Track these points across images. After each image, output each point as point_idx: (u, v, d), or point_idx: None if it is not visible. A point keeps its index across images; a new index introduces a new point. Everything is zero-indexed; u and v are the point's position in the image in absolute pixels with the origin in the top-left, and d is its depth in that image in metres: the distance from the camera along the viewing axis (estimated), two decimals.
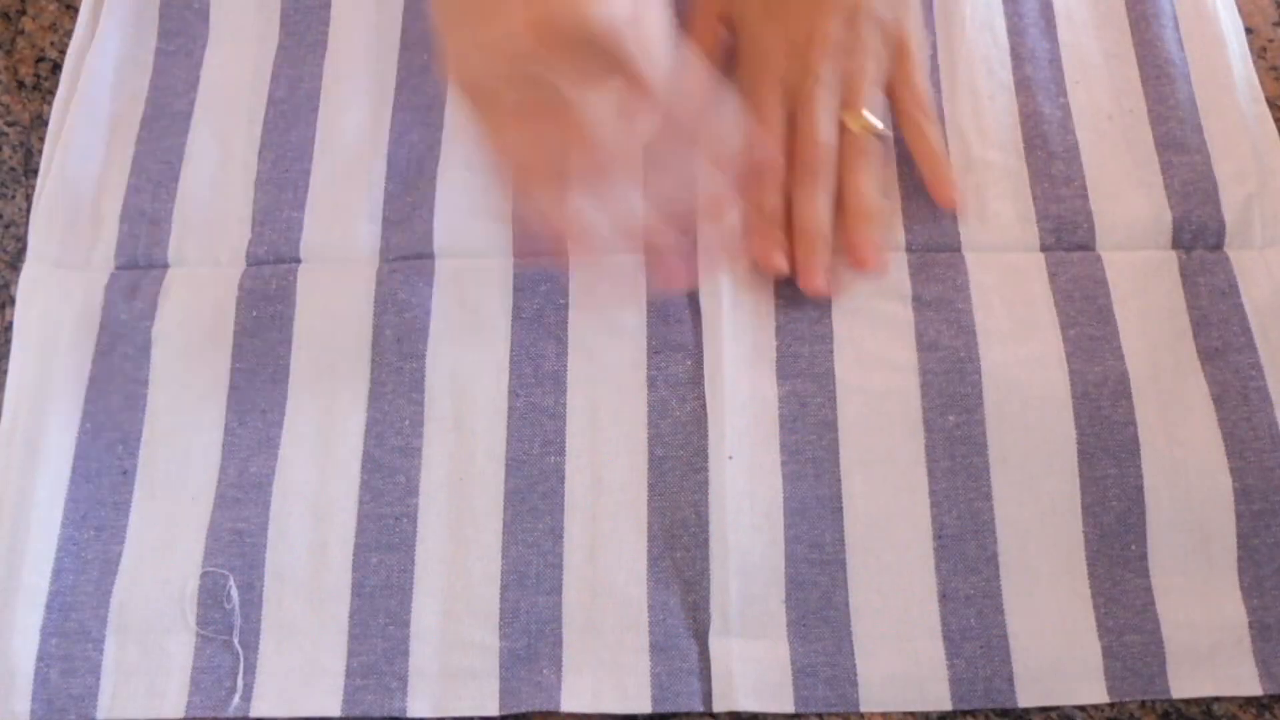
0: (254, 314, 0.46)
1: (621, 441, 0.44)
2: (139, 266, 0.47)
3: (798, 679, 0.41)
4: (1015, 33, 0.51)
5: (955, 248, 0.47)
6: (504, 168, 0.42)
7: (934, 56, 0.50)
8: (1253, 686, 0.40)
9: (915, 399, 0.44)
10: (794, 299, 0.46)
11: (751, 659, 0.41)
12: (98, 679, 0.41)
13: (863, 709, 0.40)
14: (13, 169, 0.50)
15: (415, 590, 0.42)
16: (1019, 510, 0.43)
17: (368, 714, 0.41)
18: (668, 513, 0.43)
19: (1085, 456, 0.43)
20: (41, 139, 0.50)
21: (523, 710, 0.41)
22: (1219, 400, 0.44)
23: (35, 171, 0.49)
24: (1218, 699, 0.41)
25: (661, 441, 0.44)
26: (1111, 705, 0.40)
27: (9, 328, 0.46)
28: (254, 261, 0.47)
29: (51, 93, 0.50)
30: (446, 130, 0.49)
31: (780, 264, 0.45)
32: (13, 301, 0.47)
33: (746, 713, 0.41)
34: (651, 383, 0.45)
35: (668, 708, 0.41)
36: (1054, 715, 0.41)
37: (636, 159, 0.41)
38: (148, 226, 0.48)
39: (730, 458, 0.43)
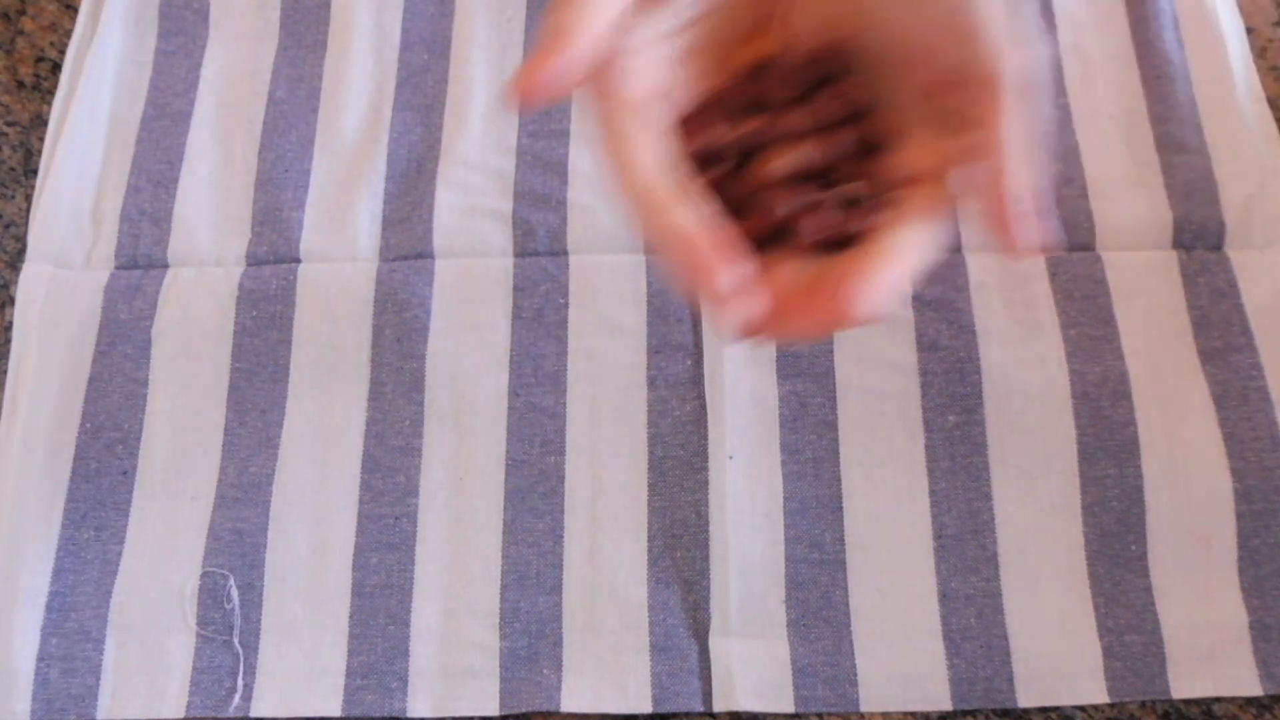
0: (254, 314, 0.46)
1: (621, 441, 0.44)
2: (139, 266, 0.47)
3: (798, 679, 0.41)
4: None
5: (955, 248, 0.47)
6: None
7: None
8: (1253, 687, 0.40)
9: (915, 399, 0.44)
10: None
11: (751, 659, 0.41)
12: (98, 679, 0.41)
13: (863, 709, 0.40)
14: (12, 169, 0.50)
15: (415, 590, 0.42)
16: (1019, 510, 0.43)
17: (368, 714, 0.41)
18: (668, 513, 0.43)
19: (1085, 456, 0.43)
20: (41, 139, 0.49)
21: (523, 710, 0.41)
22: (1219, 400, 0.44)
23: (35, 171, 0.49)
24: (1218, 699, 0.41)
25: (661, 441, 0.44)
26: (1111, 705, 0.40)
27: (9, 328, 0.46)
28: (254, 261, 0.47)
29: (51, 93, 0.50)
30: (446, 130, 0.49)
31: None
32: (13, 301, 0.46)
33: (746, 713, 0.41)
34: (651, 382, 0.45)
35: (668, 708, 0.41)
36: (1054, 715, 0.41)
37: None
38: (148, 226, 0.48)
39: (730, 457, 0.43)
